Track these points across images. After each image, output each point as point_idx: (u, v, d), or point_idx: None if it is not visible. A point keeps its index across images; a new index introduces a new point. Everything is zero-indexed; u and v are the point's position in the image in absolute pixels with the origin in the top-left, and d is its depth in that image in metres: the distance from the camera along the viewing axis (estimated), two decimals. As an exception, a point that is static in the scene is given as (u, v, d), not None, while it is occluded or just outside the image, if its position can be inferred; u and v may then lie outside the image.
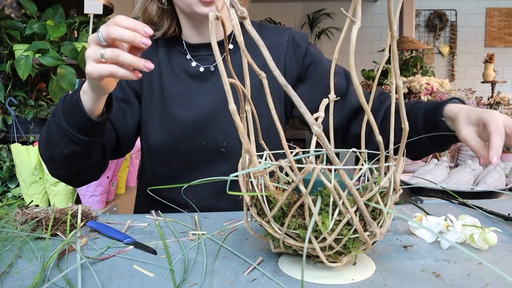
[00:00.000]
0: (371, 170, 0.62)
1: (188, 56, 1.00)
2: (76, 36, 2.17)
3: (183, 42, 1.01)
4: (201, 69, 0.99)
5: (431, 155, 1.94)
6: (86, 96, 0.75)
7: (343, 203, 0.49)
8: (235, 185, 1.00)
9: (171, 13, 0.99)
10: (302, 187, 0.48)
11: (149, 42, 0.65)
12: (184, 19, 0.99)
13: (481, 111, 0.71)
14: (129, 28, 0.64)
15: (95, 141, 0.81)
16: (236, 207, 1.00)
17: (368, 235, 0.53)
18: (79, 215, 0.80)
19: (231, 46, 1.02)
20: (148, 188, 1.01)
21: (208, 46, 1.00)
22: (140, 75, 0.69)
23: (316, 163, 0.71)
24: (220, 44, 1.00)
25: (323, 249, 0.53)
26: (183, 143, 0.98)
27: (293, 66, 1.02)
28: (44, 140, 0.84)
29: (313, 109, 0.71)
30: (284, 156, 0.51)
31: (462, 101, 0.84)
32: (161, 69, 0.99)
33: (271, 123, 0.64)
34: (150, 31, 0.65)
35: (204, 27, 0.98)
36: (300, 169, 0.49)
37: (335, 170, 0.49)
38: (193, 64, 1.00)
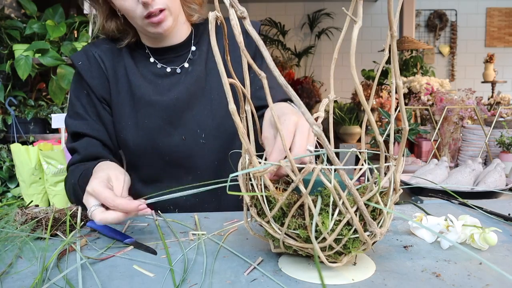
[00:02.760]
0: (371, 170, 0.62)
1: (152, 59, 1.02)
2: (76, 36, 2.17)
3: (145, 46, 1.02)
4: (168, 69, 1.01)
5: (432, 155, 1.94)
6: None
7: (343, 203, 0.49)
8: (226, 167, 1.01)
9: (131, 25, 1.00)
10: (302, 187, 0.48)
11: (147, 210, 0.68)
12: (142, 33, 1.01)
13: (280, 114, 0.67)
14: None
15: None
16: (226, 198, 1.00)
17: (368, 235, 0.53)
18: (79, 215, 0.80)
19: (193, 48, 1.03)
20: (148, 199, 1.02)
21: (171, 49, 1.02)
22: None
23: (316, 163, 0.71)
24: (181, 46, 1.02)
25: (323, 249, 0.53)
26: (161, 141, 0.98)
27: (249, 53, 1.04)
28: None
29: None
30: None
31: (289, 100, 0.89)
32: (128, 73, 1.00)
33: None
34: (144, 206, 0.67)
35: (162, 37, 0.99)
36: (300, 169, 0.49)
37: (335, 170, 0.49)
38: (159, 66, 1.01)
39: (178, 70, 1.01)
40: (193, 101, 0.99)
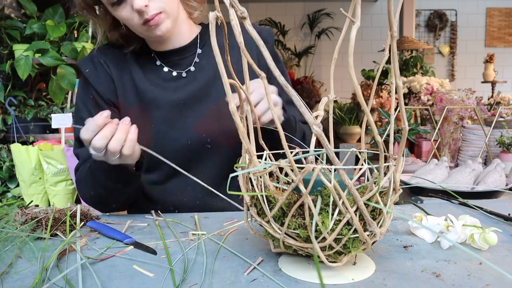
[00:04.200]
0: (371, 170, 0.61)
1: (158, 62, 1.02)
2: (76, 36, 2.17)
3: (151, 50, 1.02)
4: (174, 73, 1.01)
5: (432, 155, 1.94)
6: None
7: (343, 203, 0.49)
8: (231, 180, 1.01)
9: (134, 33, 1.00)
10: (302, 187, 0.48)
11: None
12: (145, 37, 1.01)
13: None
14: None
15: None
16: (228, 203, 1.00)
17: (368, 235, 0.53)
18: (78, 215, 0.80)
19: (199, 51, 1.03)
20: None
21: (176, 52, 1.01)
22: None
23: (316, 163, 0.71)
24: (185, 48, 1.01)
25: (323, 249, 0.53)
26: (167, 146, 0.97)
27: (262, 61, 1.03)
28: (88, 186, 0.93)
29: None
30: (284, 156, 0.51)
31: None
32: (134, 78, 1.00)
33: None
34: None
35: (165, 39, 0.99)
36: (300, 169, 0.49)
37: (335, 170, 0.49)
38: (165, 69, 1.01)
39: (184, 74, 1.01)
40: (199, 105, 0.99)
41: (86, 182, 0.92)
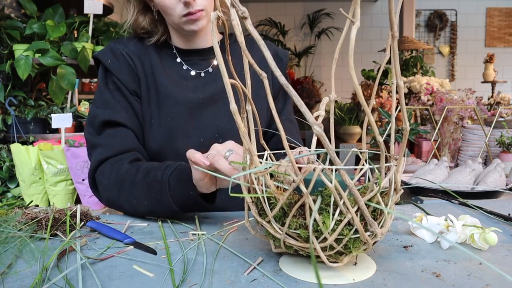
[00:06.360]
0: (371, 170, 0.61)
1: (179, 60, 1.04)
2: (76, 36, 2.17)
3: (173, 46, 1.05)
4: (192, 73, 1.03)
5: (432, 155, 1.94)
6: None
7: (344, 203, 0.49)
8: None
9: (163, 22, 1.03)
10: (303, 187, 0.48)
11: None
12: (173, 30, 1.03)
13: None
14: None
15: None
16: (230, 203, 1.01)
17: (369, 235, 0.53)
18: (78, 215, 0.80)
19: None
20: None
21: (198, 52, 1.04)
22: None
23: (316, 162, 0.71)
24: (207, 50, 1.05)
25: (324, 249, 0.53)
26: (181, 142, 0.99)
27: (276, 81, 1.09)
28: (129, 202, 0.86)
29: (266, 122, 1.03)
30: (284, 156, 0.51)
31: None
32: (154, 71, 1.01)
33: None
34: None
35: (193, 37, 1.03)
36: (300, 169, 0.49)
37: (336, 170, 0.48)
38: (184, 67, 1.03)
39: (203, 74, 1.03)
40: (214, 105, 1.01)
41: (127, 193, 0.86)
